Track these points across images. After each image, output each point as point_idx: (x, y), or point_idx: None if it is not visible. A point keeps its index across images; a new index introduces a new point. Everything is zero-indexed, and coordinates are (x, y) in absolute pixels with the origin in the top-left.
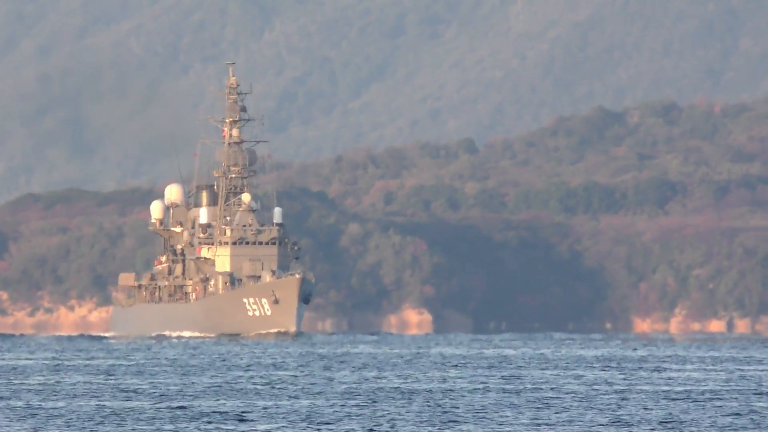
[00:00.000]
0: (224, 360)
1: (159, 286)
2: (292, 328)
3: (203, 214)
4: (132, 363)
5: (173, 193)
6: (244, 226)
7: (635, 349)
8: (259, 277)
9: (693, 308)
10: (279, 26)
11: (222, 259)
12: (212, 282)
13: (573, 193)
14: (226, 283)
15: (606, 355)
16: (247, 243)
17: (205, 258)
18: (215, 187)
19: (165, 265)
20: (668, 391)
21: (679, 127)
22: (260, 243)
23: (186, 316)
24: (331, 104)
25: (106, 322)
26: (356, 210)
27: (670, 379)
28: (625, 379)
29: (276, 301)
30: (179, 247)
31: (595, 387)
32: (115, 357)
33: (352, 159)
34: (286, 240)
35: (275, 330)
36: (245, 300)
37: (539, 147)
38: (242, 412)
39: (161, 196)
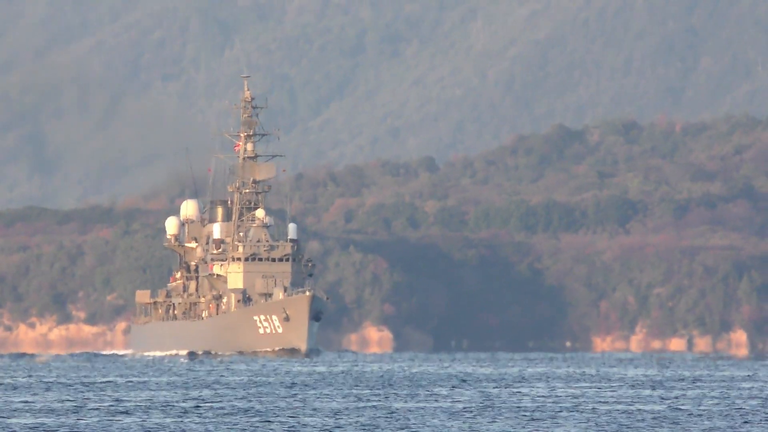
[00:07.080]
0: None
1: (173, 304)
2: (303, 346)
3: (217, 230)
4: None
5: (188, 208)
6: (258, 242)
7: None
8: (272, 294)
9: (653, 327)
10: (239, 44)
11: (234, 275)
12: (225, 299)
13: (533, 211)
14: (238, 300)
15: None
16: (260, 259)
17: (217, 275)
18: (229, 203)
19: (180, 281)
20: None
21: (640, 145)
22: (273, 259)
23: (199, 333)
24: (291, 122)
25: (65, 340)
26: (316, 228)
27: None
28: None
29: (287, 319)
30: (193, 263)
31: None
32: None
33: (312, 177)
34: (300, 256)
35: (287, 347)
36: (256, 318)
37: (499, 165)
38: None
39: (122, 214)
